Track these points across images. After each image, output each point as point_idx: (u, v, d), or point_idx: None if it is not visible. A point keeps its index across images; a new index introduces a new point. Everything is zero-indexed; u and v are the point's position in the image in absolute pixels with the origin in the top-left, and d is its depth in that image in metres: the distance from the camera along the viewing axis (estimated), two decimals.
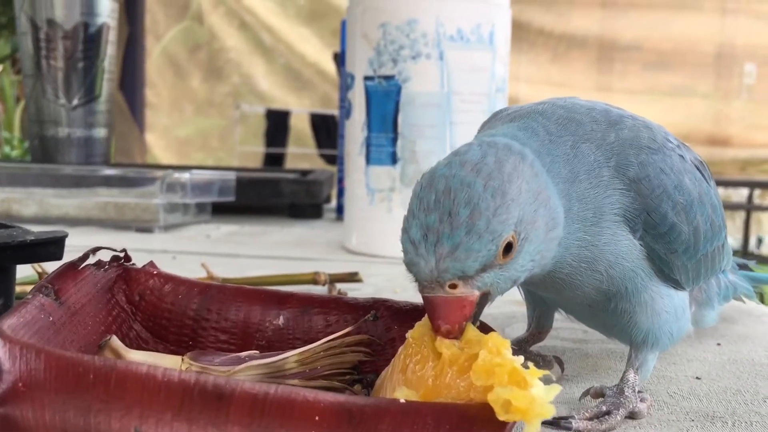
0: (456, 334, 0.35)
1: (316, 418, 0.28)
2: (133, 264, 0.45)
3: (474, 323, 0.36)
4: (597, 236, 0.41)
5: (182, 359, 0.39)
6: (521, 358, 0.31)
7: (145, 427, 0.28)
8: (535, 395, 0.29)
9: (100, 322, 0.41)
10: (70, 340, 0.37)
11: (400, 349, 0.37)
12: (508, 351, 0.32)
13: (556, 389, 0.30)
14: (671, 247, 0.42)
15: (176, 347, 0.44)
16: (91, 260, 0.42)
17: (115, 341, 0.38)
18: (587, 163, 0.41)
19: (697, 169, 0.45)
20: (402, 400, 0.29)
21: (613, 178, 0.41)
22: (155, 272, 0.45)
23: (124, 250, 0.45)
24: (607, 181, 0.41)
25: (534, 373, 0.30)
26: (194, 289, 0.45)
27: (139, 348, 0.42)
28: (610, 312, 0.44)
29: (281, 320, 0.44)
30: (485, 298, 0.37)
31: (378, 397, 0.35)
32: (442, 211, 0.34)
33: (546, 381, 0.31)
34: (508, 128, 0.42)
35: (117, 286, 0.43)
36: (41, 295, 0.37)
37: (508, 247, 0.35)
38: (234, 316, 0.44)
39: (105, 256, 0.44)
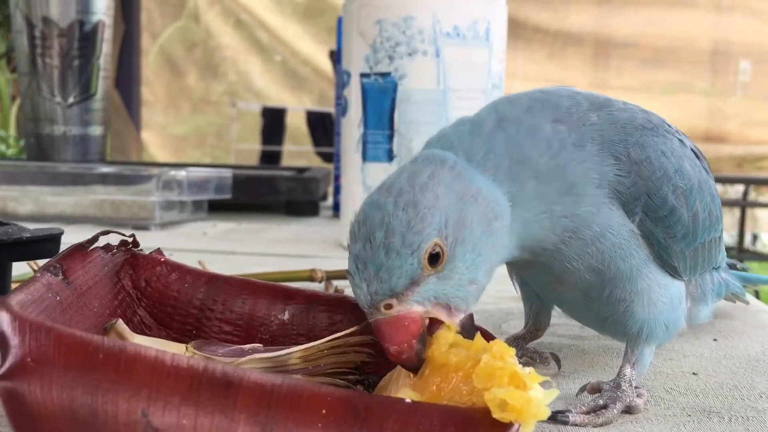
0: (408, 353, 0.35)
1: (323, 411, 0.28)
2: (141, 250, 0.45)
3: (470, 338, 0.36)
4: (575, 206, 0.40)
5: (186, 347, 0.39)
6: (527, 369, 0.31)
7: (152, 409, 0.28)
8: (532, 396, 0.29)
9: (106, 305, 0.41)
10: (75, 320, 0.37)
11: None
12: (511, 357, 0.32)
13: (553, 393, 0.30)
14: (671, 232, 0.42)
15: (179, 335, 0.43)
16: (99, 243, 0.42)
17: (121, 325, 0.38)
18: (545, 139, 0.41)
19: (697, 157, 0.45)
20: (408, 400, 0.29)
21: (600, 153, 0.41)
22: (162, 259, 0.45)
23: (132, 235, 0.44)
24: (585, 156, 0.41)
25: (534, 378, 0.30)
26: (201, 279, 0.45)
27: (142, 334, 0.42)
28: (606, 301, 0.43)
29: (286, 315, 0.44)
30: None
31: (385, 396, 0.35)
32: (363, 238, 0.35)
33: (546, 387, 0.31)
34: (451, 128, 0.43)
35: (124, 270, 0.43)
36: (49, 274, 0.37)
37: (436, 256, 0.35)
38: (239, 309, 0.44)
39: (113, 241, 0.43)
